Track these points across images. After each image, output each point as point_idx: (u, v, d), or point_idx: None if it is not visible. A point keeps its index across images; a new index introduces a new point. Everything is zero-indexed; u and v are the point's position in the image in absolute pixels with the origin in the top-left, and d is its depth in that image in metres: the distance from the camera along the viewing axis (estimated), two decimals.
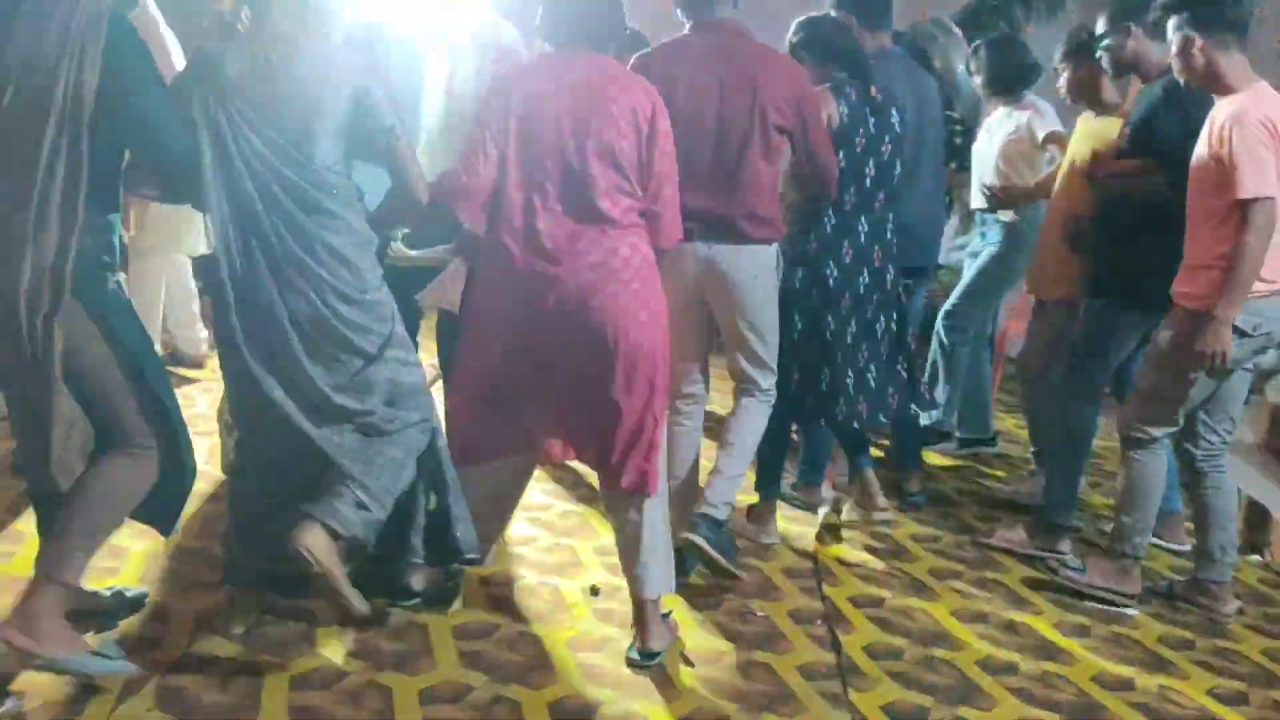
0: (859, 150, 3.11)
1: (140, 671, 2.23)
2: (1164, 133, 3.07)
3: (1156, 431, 3.03)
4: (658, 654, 2.53)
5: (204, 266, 2.41)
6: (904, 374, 3.35)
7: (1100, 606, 3.11)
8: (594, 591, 2.87)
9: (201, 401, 4.04)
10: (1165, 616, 3.13)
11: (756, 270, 2.91)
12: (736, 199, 2.82)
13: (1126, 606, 3.10)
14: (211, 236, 2.23)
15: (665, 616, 2.64)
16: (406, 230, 2.68)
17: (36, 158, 1.95)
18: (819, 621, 2.87)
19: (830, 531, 3.48)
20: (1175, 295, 2.91)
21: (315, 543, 2.16)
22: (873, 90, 3.13)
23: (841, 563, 3.27)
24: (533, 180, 2.41)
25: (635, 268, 2.43)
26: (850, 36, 3.25)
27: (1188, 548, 3.45)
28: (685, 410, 3.03)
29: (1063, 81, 3.67)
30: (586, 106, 2.40)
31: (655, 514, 2.54)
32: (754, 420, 3.06)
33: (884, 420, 3.44)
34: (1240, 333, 2.81)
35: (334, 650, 2.45)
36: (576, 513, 3.43)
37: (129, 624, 2.45)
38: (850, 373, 3.19)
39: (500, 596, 2.81)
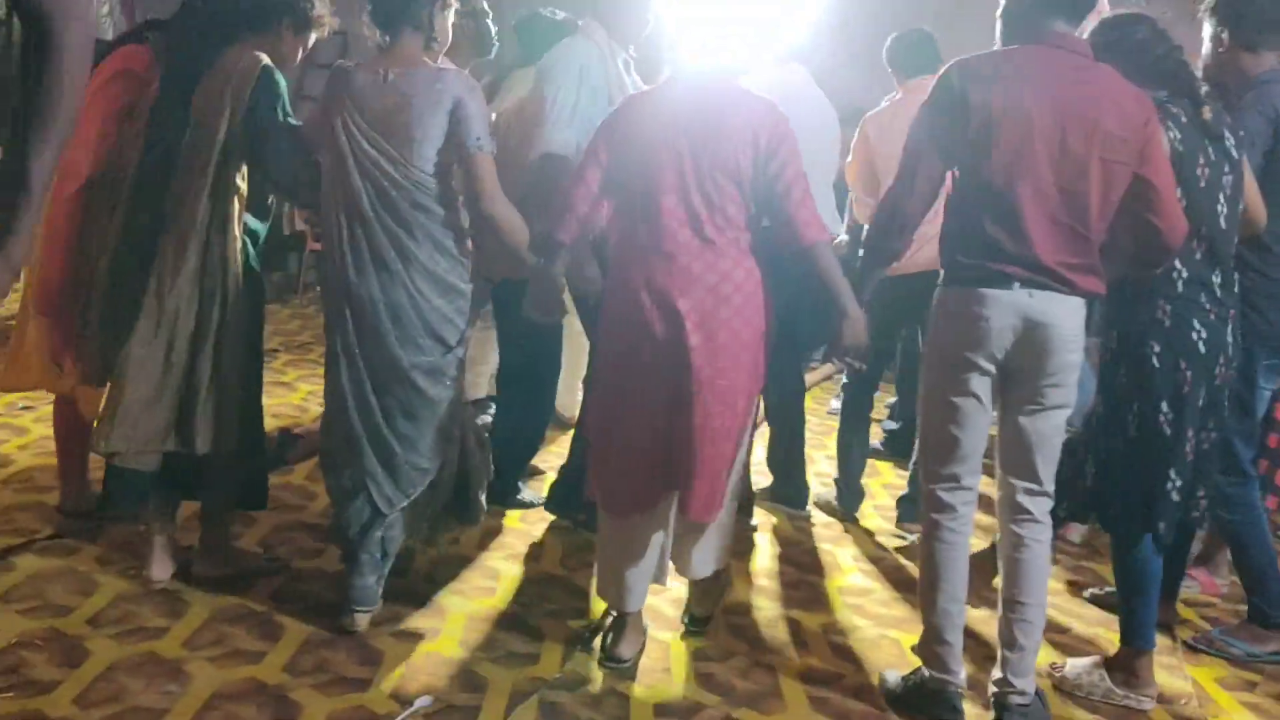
0: (1201, 184, 2.51)
1: None
2: None
3: None
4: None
5: (320, 257, 2.77)
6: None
7: None
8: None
9: None
10: None
11: (1077, 328, 2.37)
12: (1069, 242, 2.32)
13: None
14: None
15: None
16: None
17: (207, 172, 2.60)
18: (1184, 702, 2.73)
19: None
20: None
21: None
22: (1204, 111, 2.55)
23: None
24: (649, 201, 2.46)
25: (747, 293, 2.46)
26: (1172, 45, 2.62)
27: None
28: (961, 511, 2.44)
29: None
30: (703, 129, 2.43)
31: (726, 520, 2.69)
32: (1046, 565, 2.47)
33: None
34: None
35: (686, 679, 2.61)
36: (912, 568, 3.43)
37: (509, 640, 2.72)
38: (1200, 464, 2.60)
39: (840, 646, 2.86)
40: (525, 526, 3.49)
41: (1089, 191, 2.29)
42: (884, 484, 4.33)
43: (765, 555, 3.46)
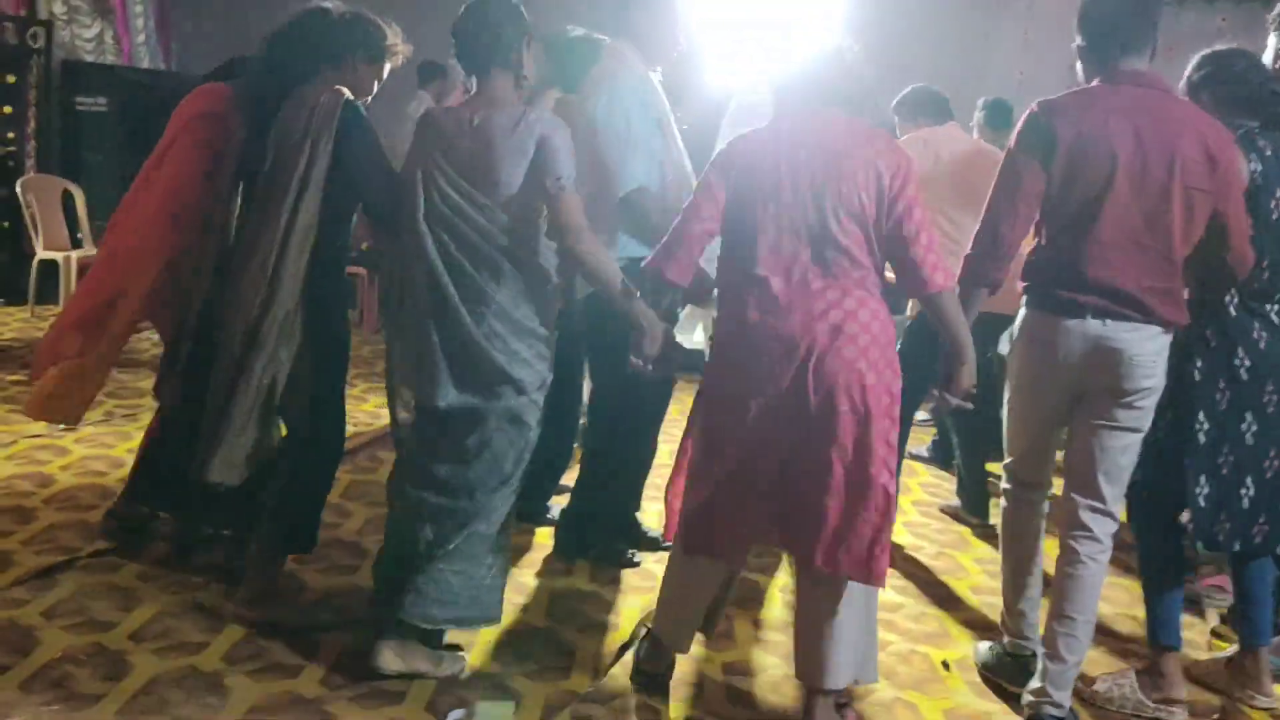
0: (1273, 216, 2.57)
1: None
2: None
3: None
4: None
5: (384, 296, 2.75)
6: None
7: None
8: (945, 665, 2.87)
9: None
10: None
11: (1155, 354, 2.44)
12: (1153, 266, 2.40)
13: None
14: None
15: (843, 707, 2.48)
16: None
17: (283, 204, 2.58)
18: None
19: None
20: None
21: (386, 660, 2.55)
22: None
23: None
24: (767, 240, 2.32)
25: (874, 333, 2.28)
26: (1267, 76, 2.69)
27: None
28: (1029, 499, 2.68)
29: None
30: (824, 167, 2.28)
31: (859, 605, 2.36)
32: (1099, 584, 2.51)
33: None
34: None
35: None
36: (943, 583, 3.43)
37: (541, 654, 2.75)
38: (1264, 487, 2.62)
39: None
40: None
41: (1172, 218, 2.38)
42: (913, 501, 4.33)
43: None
